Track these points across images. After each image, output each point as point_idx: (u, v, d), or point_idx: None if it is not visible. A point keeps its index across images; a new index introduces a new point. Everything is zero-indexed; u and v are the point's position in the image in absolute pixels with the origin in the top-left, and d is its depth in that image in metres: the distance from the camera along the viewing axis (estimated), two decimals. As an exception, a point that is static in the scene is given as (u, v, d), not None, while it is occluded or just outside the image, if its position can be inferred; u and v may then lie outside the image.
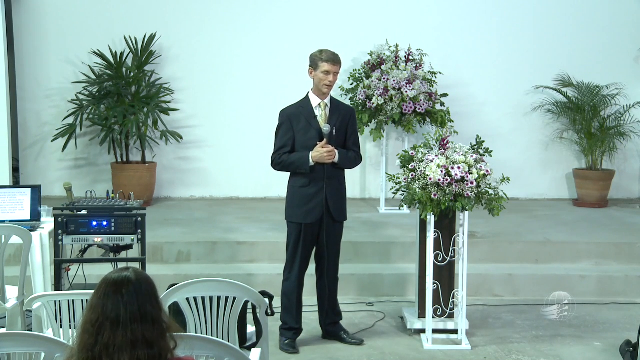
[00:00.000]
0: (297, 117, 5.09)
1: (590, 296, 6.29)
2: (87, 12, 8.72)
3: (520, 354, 5.13)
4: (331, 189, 5.07)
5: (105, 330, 2.27)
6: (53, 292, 4.42)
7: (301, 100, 5.20)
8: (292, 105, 5.21)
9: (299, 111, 5.11)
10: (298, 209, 5.07)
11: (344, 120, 5.13)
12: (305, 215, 5.05)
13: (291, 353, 5.08)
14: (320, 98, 5.12)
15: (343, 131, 5.13)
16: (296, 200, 5.08)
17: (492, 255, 6.69)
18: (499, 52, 8.94)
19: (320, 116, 5.11)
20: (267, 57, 8.84)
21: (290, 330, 5.19)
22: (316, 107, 5.12)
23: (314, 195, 5.03)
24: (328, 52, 5.10)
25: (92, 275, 4.95)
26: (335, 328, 5.31)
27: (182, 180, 8.97)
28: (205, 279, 3.65)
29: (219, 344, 2.82)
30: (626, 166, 9.10)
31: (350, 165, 5.24)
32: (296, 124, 5.07)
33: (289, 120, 5.09)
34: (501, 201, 5.10)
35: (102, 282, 2.37)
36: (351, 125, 5.18)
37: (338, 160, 5.06)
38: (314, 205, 5.03)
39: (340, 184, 5.19)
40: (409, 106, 7.87)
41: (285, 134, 5.08)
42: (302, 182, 5.06)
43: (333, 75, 5.05)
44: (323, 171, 5.03)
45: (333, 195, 5.09)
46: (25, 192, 5.22)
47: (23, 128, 8.86)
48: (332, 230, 5.13)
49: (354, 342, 5.25)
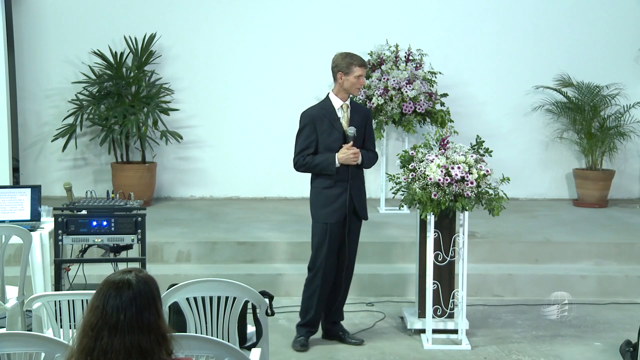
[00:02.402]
0: (320, 118, 5.13)
1: (590, 296, 6.29)
2: (87, 12, 8.73)
3: (520, 354, 5.13)
4: (355, 188, 5.15)
5: (104, 336, 2.28)
6: (53, 292, 4.42)
7: (322, 101, 5.24)
8: (314, 106, 5.26)
9: (321, 113, 5.15)
10: (323, 209, 5.12)
11: (362, 122, 5.21)
12: (330, 215, 5.10)
13: (299, 350, 5.14)
14: (342, 100, 5.18)
15: (362, 132, 5.20)
16: (321, 201, 5.13)
17: (492, 255, 6.69)
18: (499, 52, 8.95)
19: (343, 118, 5.17)
20: (267, 57, 8.84)
21: (304, 326, 5.25)
22: (338, 109, 5.17)
23: (338, 195, 5.10)
24: (358, 57, 5.20)
25: (92, 275, 4.95)
26: (335, 327, 5.33)
27: (182, 180, 8.97)
28: (205, 279, 3.65)
29: (219, 344, 2.82)
30: (626, 166, 9.10)
31: (370, 165, 5.32)
32: (319, 125, 5.11)
33: (312, 122, 5.12)
34: (501, 201, 5.10)
35: (104, 284, 2.37)
36: (369, 126, 5.28)
37: (362, 161, 5.14)
38: (339, 205, 5.09)
39: (362, 183, 5.28)
40: (409, 106, 7.88)
41: (309, 135, 5.11)
42: (327, 183, 5.11)
43: (362, 79, 5.17)
44: (347, 172, 5.09)
45: (357, 194, 5.17)
46: (25, 192, 5.22)
47: (23, 128, 8.87)
48: (355, 229, 5.23)
49: (354, 342, 5.26)
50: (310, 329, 5.27)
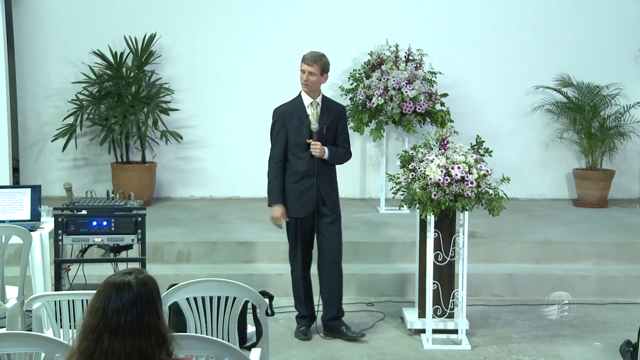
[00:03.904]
0: (290, 115, 5.28)
1: (590, 296, 6.30)
2: (87, 12, 8.73)
3: (520, 354, 5.13)
4: (322, 183, 5.26)
5: (104, 339, 2.28)
6: (53, 292, 4.42)
7: (293, 99, 5.38)
8: (285, 103, 5.39)
9: (291, 110, 5.30)
10: (292, 204, 5.27)
11: (334, 119, 5.31)
12: (298, 209, 5.27)
13: (302, 339, 5.31)
14: (312, 97, 5.28)
15: (333, 128, 5.31)
16: (290, 195, 5.27)
17: (492, 255, 6.69)
18: (499, 52, 8.94)
19: (312, 115, 5.27)
20: (267, 57, 8.84)
21: (303, 318, 5.43)
22: (308, 106, 5.29)
23: (305, 190, 5.24)
24: (307, 53, 5.32)
25: (92, 276, 4.95)
26: (336, 323, 5.39)
27: (182, 180, 8.97)
28: (205, 279, 3.65)
29: (219, 344, 2.82)
30: (626, 166, 9.09)
31: (340, 161, 5.41)
32: (289, 122, 5.26)
33: (282, 118, 5.29)
34: (501, 201, 5.10)
35: (104, 285, 2.36)
36: (341, 123, 5.37)
37: (328, 157, 5.23)
38: (306, 200, 5.24)
39: (331, 178, 5.36)
40: (409, 106, 7.88)
41: (279, 131, 5.27)
42: (294, 178, 5.27)
43: (307, 75, 5.24)
44: (314, 168, 5.21)
45: (325, 189, 5.27)
46: (25, 192, 5.22)
47: (23, 128, 8.86)
48: (328, 224, 5.29)
49: (356, 335, 5.32)
50: (308, 318, 5.44)
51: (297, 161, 5.24)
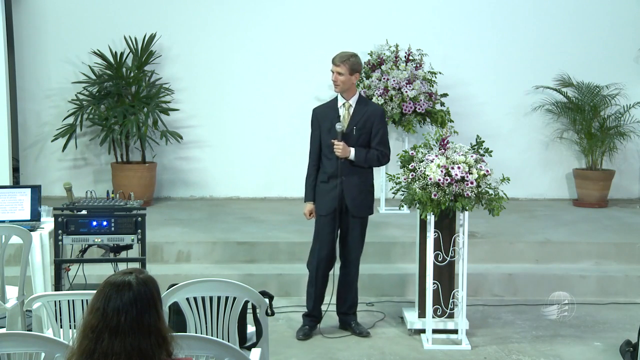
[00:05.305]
0: (324, 116, 5.34)
1: (590, 296, 6.30)
2: (87, 12, 8.73)
3: (520, 354, 5.13)
4: (348, 185, 5.25)
5: (104, 338, 2.28)
6: (53, 292, 4.42)
7: (331, 100, 5.45)
8: (323, 104, 5.52)
9: (325, 111, 5.38)
10: (318, 202, 5.37)
11: (368, 120, 5.28)
12: (321, 207, 5.34)
13: (300, 339, 5.33)
14: (346, 98, 5.30)
15: (367, 130, 5.28)
16: (318, 194, 5.37)
17: (492, 255, 6.69)
18: (499, 52, 8.94)
19: (343, 116, 5.28)
20: (267, 57, 8.84)
21: (308, 316, 5.46)
22: (340, 107, 5.31)
23: (330, 190, 5.29)
24: (337, 53, 5.37)
25: (92, 276, 4.96)
26: (347, 318, 5.49)
27: (182, 180, 8.97)
28: (205, 279, 3.65)
29: (219, 344, 2.82)
30: (626, 166, 9.09)
31: (372, 164, 5.36)
32: (323, 123, 5.33)
33: (316, 119, 5.39)
34: (501, 201, 5.10)
35: (104, 285, 2.36)
36: (376, 125, 5.30)
37: (354, 158, 5.23)
38: (329, 199, 5.28)
39: (362, 180, 5.34)
40: (409, 106, 7.88)
41: (313, 132, 5.38)
42: (322, 177, 5.34)
43: (335, 75, 5.25)
44: (338, 169, 5.23)
45: (350, 191, 5.27)
46: (25, 192, 5.22)
47: (23, 128, 8.86)
48: (351, 225, 5.33)
49: (359, 332, 5.42)
50: (313, 318, 5.45)
51: (327, 162, 5.30)
